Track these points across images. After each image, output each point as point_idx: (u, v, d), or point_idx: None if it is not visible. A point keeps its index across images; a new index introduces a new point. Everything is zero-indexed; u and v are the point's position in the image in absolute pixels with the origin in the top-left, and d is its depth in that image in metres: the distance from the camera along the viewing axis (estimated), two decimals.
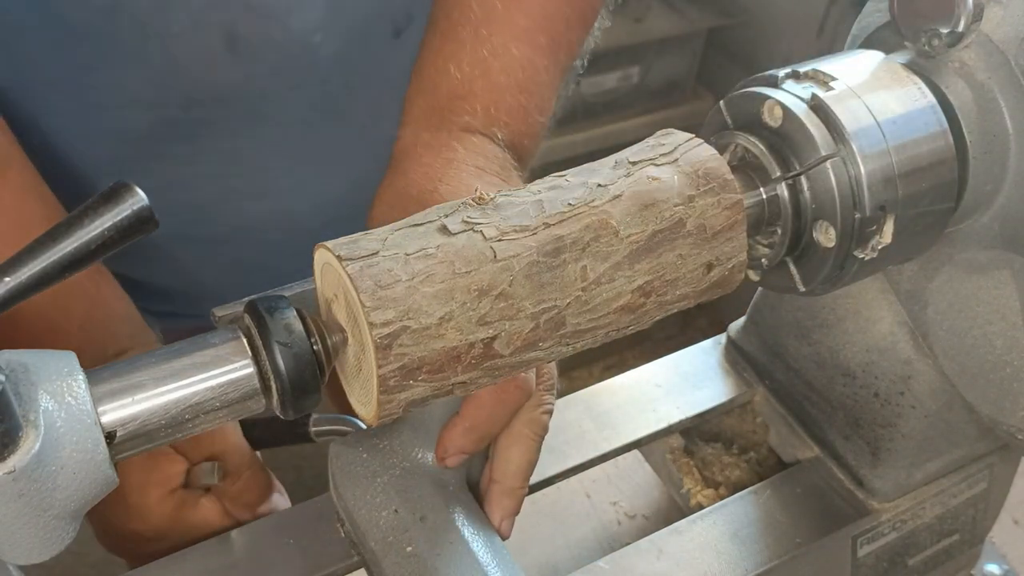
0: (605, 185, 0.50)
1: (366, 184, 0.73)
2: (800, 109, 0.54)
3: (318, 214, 0.92)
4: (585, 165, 0.53)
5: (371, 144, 0.91)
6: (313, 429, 0.75)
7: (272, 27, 0.79)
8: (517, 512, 0.65)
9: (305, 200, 0.92)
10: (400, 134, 0.75)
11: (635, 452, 0.81)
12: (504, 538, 0.63)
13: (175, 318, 0.93)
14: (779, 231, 0.56)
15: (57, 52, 0.76)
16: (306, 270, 0.52)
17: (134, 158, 0.83)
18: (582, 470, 0.76)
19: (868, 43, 0.61)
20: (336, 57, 0.84)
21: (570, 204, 0.49)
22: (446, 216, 0.48)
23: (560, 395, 0.79)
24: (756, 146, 0.55)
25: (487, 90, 0.73)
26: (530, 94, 0.75)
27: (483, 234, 0.47)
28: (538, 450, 0.64)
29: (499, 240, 0.47)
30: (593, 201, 0.49)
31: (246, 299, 0.55)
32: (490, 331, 0.47)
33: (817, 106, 0.53)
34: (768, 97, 0.55)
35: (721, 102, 0.58)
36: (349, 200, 0.92)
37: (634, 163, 0.52)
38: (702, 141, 0.53)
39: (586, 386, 0.81)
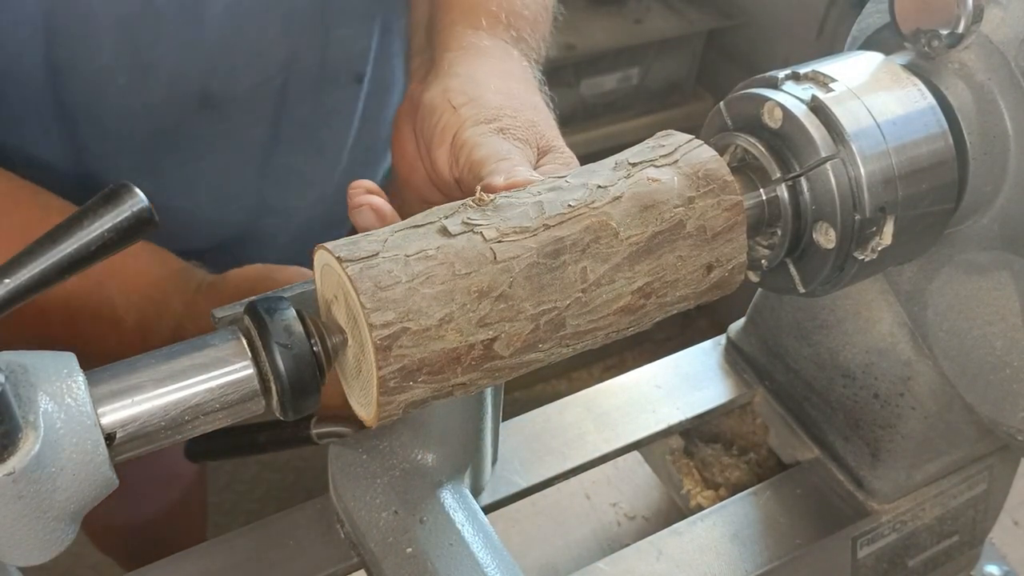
0: (605, 186, 0.50)
1: (330, 202, 0.76)
2: (800, 110, 0.54)
3: (284, 232, 0.98)
4: (585, 166, 0.53)
5: (335, 170, 0.99)
6: (314, 431, 0.75)
7: (239, 79, 0.85)
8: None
9: (271, 219, 0.98)
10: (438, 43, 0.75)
11: (635, 453, 0.81)
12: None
13: None
14: (779, 232, 0.56)
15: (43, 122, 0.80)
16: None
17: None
18: (582, 471, 0.76)
19: (868, 44, 0.61)
20: (299, 98, 0.90)
21: (570, 205, 0.49)
22: (446, 217, 0.48)
23: (560, 396, 0.79)
24: (756, 147, 0.55)
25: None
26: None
27: (483, 235, 0.47)
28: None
29: (499, 241, 0.47)
30: (593, 202, 0.49)
31: (246, 300, 0.55)
32: (490, 332, 0.47)
33: (817, 107, 0.53)
34: (768, 98, 0.55)
35: (721, 103, 0.58)
36: (317, 217, 1.01)
37: (634, 164, 0.52)
38: (702, 142, 0.53)
39: (586, 387, 0.81)
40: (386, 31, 0.95)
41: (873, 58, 0.57)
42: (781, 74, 0.56)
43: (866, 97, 0.54)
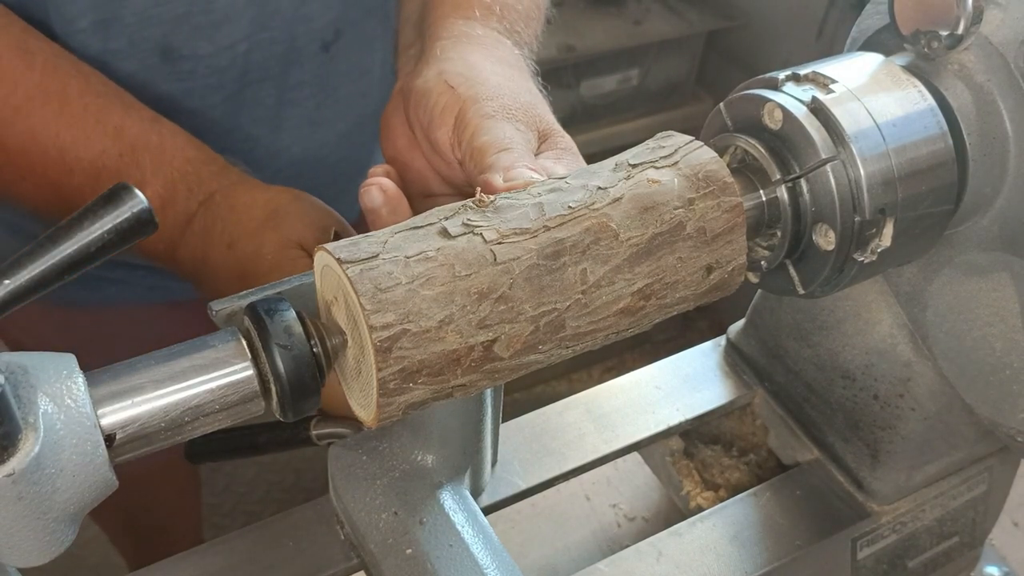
0: (605, 188, 0.50)
1: (299, 184, 0.77)
2: (800, 112, 0.54)
3: None
4: (585, 167, 0.53)
5: (308, 149, 0.97)
6: (314, 432, 0.75)
7: (200, 40, 0.83)
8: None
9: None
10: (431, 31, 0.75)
11: (635, 454, 0.81)
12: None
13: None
14: (779, 234, 0.56)
15: None
16: None
17: None
18: (582, 472, 0.76)
19: (867, 45, 0.61)
20: (265, 67, 0.88)
21: (570, 207, 0.49)
22: (446, 219, 0.48)
23: (560, 397, 0.79)
24: (756, 148, 0.55)
25: None
26: None
27: (483, 237, 0.47)
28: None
29: (499, 243, 0.47)
30: (593, 204, 0.49)
31: (244, 293, 0.55)
32: (490, 334, 0.47)
33: (817, 109, 0.53)
34: (768, 99, 0.55)
35: (721, 104, 0.58)
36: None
37: (634, 165, 0.52)
38: (702, 144, 0.53)
39: (586, 388, 0.81)
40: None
41: (873, 59, 0.57)
42: (781, 75, 0.56)
43: (866, 98, 0.54)
